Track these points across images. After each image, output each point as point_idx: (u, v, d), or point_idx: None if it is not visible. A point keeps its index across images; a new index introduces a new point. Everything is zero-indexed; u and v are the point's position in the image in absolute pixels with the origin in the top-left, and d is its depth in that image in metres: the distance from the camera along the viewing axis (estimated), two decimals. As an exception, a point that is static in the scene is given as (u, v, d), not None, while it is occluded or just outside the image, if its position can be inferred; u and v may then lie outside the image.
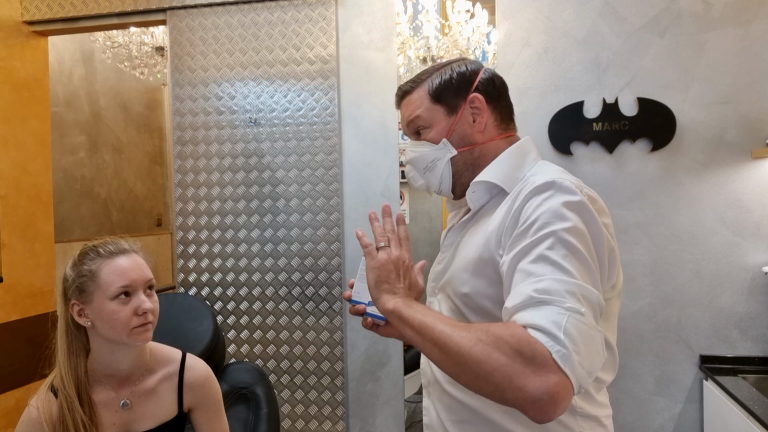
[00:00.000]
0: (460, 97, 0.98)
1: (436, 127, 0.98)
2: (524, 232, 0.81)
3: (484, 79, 0.99)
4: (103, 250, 1.14)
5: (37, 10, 2.38)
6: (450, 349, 0.74)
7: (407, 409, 3.68)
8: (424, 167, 1.00)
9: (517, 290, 0.76)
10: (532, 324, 0.70)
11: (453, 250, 1.00)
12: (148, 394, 1.20)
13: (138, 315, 1.12)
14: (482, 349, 0.70)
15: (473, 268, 0.90)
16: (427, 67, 1.04)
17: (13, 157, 2.38)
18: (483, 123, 0.98)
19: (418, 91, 1.00)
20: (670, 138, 1.94)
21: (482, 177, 0.95)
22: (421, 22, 3.18)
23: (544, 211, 0.80)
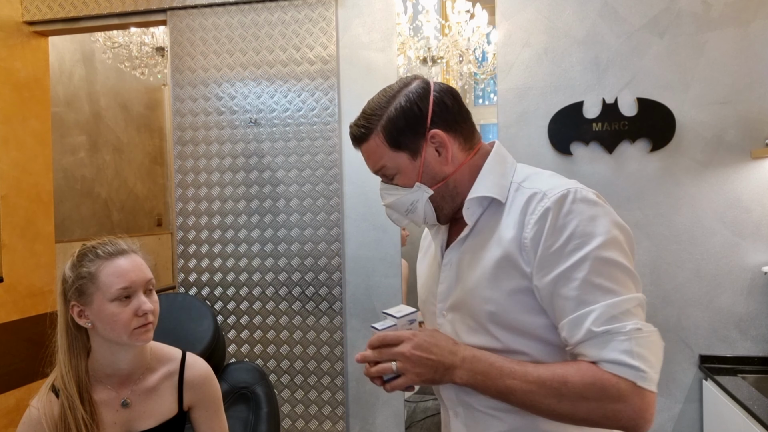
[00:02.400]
0: (418, 137, 0.94)
1: (403, 172, 0.96)
2: (558, 252, 0.83)
3: (436, 108, 0.94)
4: (102, 251, 1.13)
5: (38, 10, 2.38)
6: (540, 410, 0.83)
7: (407, 409, 3.68)
8: (405, 210, 0.99)
9: (571, 323, 0.82)
10: (606, 359, 0.79)
11: (455, 267, 0.98)
12: (149, 393, 1.20)
13: (138, 316, 1.12)
14: (570, 405, 0.80)
15: (494, 285, 0.89)
16: (372, 100, 0.98)
17: (14, 157, 2.38)
18: (448, 155, 0.95)
19: (374, 139, 0.95)
20: (670, 138, 1.94)
21: (475, 193, 0.94)
22: (421, 23, 3.18)
23: (573, 231, 0.82)
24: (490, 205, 0.95)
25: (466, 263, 0.95)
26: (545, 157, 2.02)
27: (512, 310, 0.88)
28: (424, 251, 1.16)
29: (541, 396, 0.82)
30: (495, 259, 0.89)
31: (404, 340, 0.90)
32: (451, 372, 0.88)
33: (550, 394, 0.81)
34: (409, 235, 4.04)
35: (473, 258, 0.94)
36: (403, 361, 0.89)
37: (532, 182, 0.91)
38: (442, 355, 0.88)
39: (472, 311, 0.93)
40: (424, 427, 3.56)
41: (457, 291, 0.96)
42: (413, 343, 0.89)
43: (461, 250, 0.97)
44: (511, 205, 0.91)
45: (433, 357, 0.88)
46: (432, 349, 0.88)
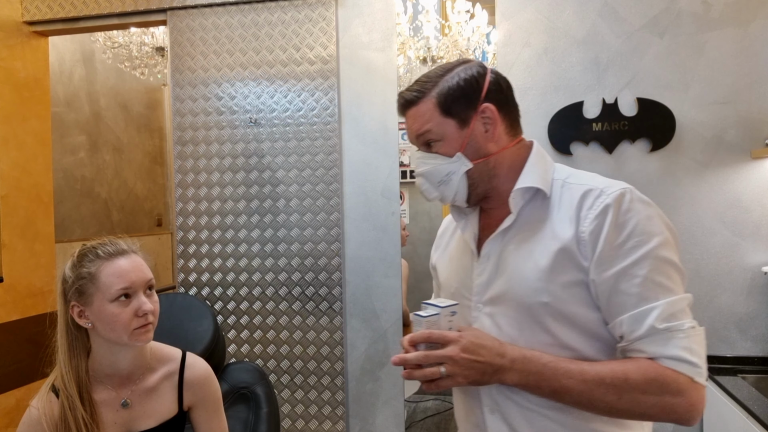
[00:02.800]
0: (470, 108, 0.95)
1: (448, 140, 0.96)
2: (619, 248, 0.86)
3: (492, 85, 0.96)
4: (102, 252, 1.13)
5: (38, 10, 2.38)
6: (596, 407, 0.86)
7: (407, 409, 3.68)
8: (438, 180, 0.97)
9: (632, 318, 0.85)
10: (668, 356, 0.83)
11: (495, 259, 0.97)
12: (149, 393, 1.20)
13: (138, 316, 1.12)
14: (630, 401, 0.83)
15: (549, 277, 0.89)
16: (429, 71, 0.98)
17: (14, 157, 2.38)
18: (496, 133, 0.96)
19: (425, 103, 0.96)
20: (670, 138, 1.94)
21: (525, 183, 0.95)
22: (421, 23, 3.18)
23: (634, 229, 0.86)
24: (533, 197, 0.96)
25: (512, 255, 0.95)
26: (545, 157, 2.02)
27: (568, 302, 0.89)
28: (444, 246, 1.15)
29: (601, 393, 0.84)
30: (551, 251, 0.90)
31: (451, 341, 0.88)
32: (501, 374, 0.88)
33: (610, 391, 0.84)
34: (409, 236, 4.04)
35: (521, 250, 0.94)
36: (451, 365, 0.87)
37: (579, 179, 0.94)
38: (491, 356, 0.88)
39: (521, 303, 0.92)
40: (424, 427, 3.56)
41: (499, 283, 0.96)
42: (461, 346, 0.88)
43: (503, 241, 0.97)
44: (560, 200, 0.93)
45: (481, 359, 0.87)
46: (480, 351, 0.88)
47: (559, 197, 0.94)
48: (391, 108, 2.16)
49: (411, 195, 4.48)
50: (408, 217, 4.46)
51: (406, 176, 4.39)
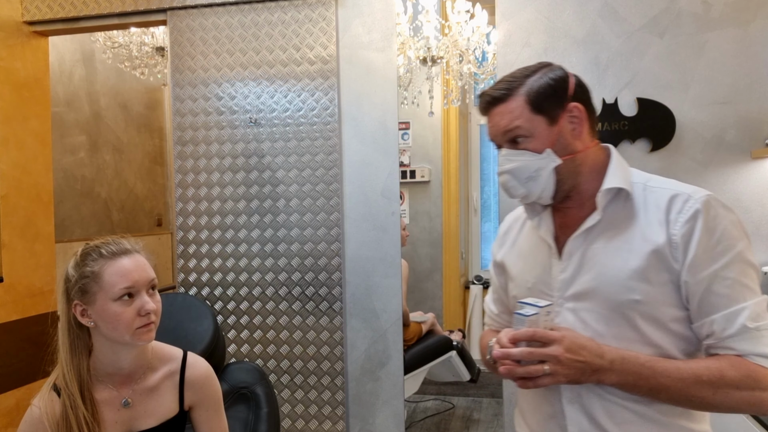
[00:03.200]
0: (559, 106, 0.99)
1: (537, 136, 0.98)
2: (709, 253, 0.91)
3: (577, 86, 1.01)
4: (105, 251, 1.13)
5: (38, 10, 2.38)
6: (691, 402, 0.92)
7: (407, 409, 3.68)
8: (526, 177, 0.99)
9: (725, 318, 0.90)
10: (758, 353, 0.89)
11: (580, 257, 1.00)
12: (150, 392, 1.21)
13: (141, 316, 1.12)
14: (724, 395, 0.89)
15: (641, 276, 0.93)
16: (513, 72, 1.02)
17: (14, 157, 2.38)
18: (582, 132, 1.00)
19: (515, 100, 0.98)
20: (670, 138, 1.94)
21: (612, 184, 0.98)
22: (421, 23, 3.18)
23: (722, 233, 0.92)
24: (616, 198, 0.99)
25: (599, 253, 0.98)
26: (545, 157, 2.02)
27: (659, 301, 0.94)
28: (510, 243, 1.17)
29: (697, 390, 0.89)
30: (643, 253, 0.94)
31: (554, 340, 0.91)
32: (599, 374, 0.91)
33: (705, 387, 0.89)
34: (409, 236, 4.04)
35: (608, 248, 0.98)
36: (554, 363, 0.90)
37: (661, 184, 0.99)
38: (591, 357, 0.91)
39: (610, 300, 0.96)
40: (424, 427, 3.56)
41: (584, 280, 0.99)
42: (564, 346, 0.90)
43: (587, 239, 1.00)
44: (646, 203, 0.97)
45: (582, 359, 0.91)
46: (581, 352, 0.91)
47: (643, 200, 0.98)
48: (391, 108, 2.16)
49: (411, 195, 4.48)
50: (408, 217, 4.46)
51: (406, 176, 4.39)
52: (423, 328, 3.40)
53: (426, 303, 4.33)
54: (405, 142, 4.46)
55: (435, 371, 3.47)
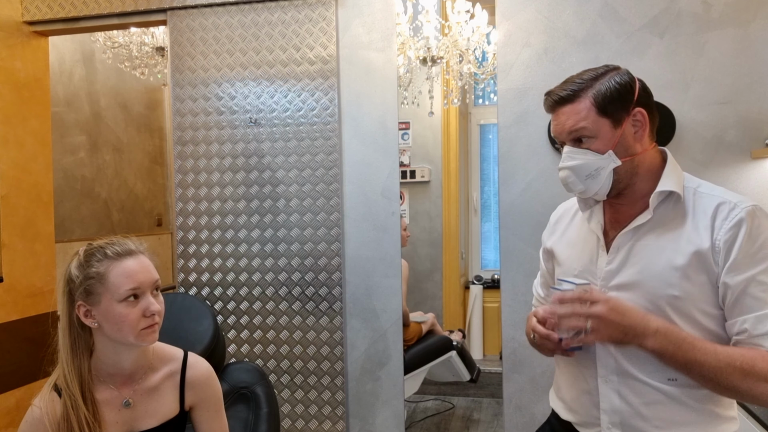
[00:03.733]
0: (624, 110, 1.04)
1: (601, 138, 1.04)
2: (750, 258, 0.98)
3: (642, 91, 1.06)
4: (110, 252, 1.13)
5: (38, 10, 2.38)
6: (719, 385, 0.97)
7: (407, 409, 3.68)
8: (586, 174, 1.06)
9: (757, 318, 0.97)
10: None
11: (627, 251, 1.08)
12: (151, 393, 1.21)
13: (146, 317, 1.12)
14: (751, 383, 0.95)
15: (682, 274, 1.01)
16: (581, 73, 1.07)
17: (14, 157, 2.38)
18: (643, 135, 1.07)
19: (583, 101, 1.04)
20: (670, 138, 1.94)
21: (666, 187, 1.05)
22: (421, 23, 3.18)
23: (764, 241, 0.98)
24: (666, 200, 1.06)
25: (646, 249, 1.06)
26: (545, 157, 2.02)
27: (695, 298, 1.01)
28: (561, 232, 1.26)
29: (727, 373, 0.95)
30: (687, 253, 1.01)
31: (600, 300, 0.99)
32: (643, 338, 0.98)
33: (737, 372, 0.95)
34: (410, 236, 4.04)
35: (654, 246, 1.05)
36: (596, 321, 0.98)
37: (710, 190, 1.06)
38: (636, 321, 0.98)
39: (651, 293, 1.03)
40: (424, 427, 3.56)
41: (628, 273, 1.07)
42: (609, 306, 0.98)
43: (636, 236, 1.08)
44: (694, 207, 1.05)
45: (626, 321, 0.98)
46: (626, 313, 0.99)
47: (692, 204, 1.05)
48: (391, 108, 2.16)
49: (411, 195, 4.48)
50: (408, 217, 4.46)
51: (406, 176, 4.39)
52: (423, 328, 3.40)
53: (426, 303, 4.33)
54: (405, 142, 4.46)
55: (435, 371, 3.47)
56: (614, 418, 1.08)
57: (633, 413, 1.06)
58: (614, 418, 1.08)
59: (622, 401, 1.07)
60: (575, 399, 1.16)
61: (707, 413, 1.04)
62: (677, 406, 1.03)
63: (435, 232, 4.45)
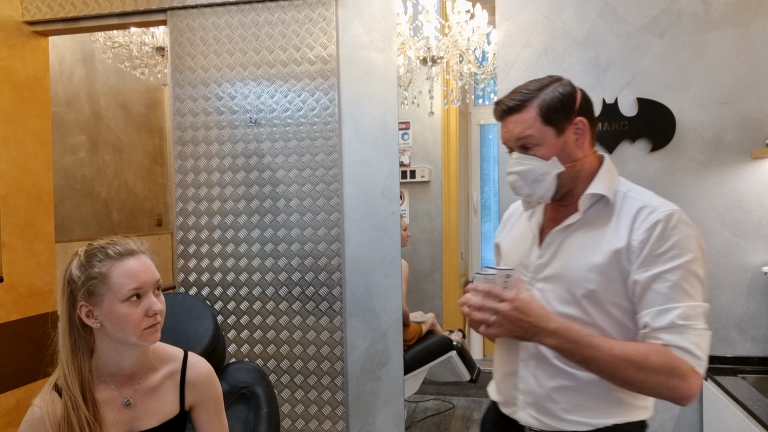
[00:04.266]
0: (566, 119, 1.12)
1: (545, 145, 1.12)
2: (659, 256, 1.05)
3: (583, 101, 1.14)
4: (112, 251, 1.13)
5: (38, 10, 2.38)
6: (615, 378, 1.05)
7: (407, 409, 3.68)
8: (532, 179, 1.14)
9: (658, 312, 1.04)
10: (680, 346, 1.02)
11: (556, 247, 1.16)
12: (151, 392, 1.21)
13: (149, 316, 1.12)
14: (645, 376, 1.02)
15: (599, 270, 1.09)
16: (527, 84, 1.14)
17: (14, 156, 2.38)
18: (584, 142, 1.15)
19: (529, 111, 1.11)
20: (670, 138, 1.94)
21: (596, 190, 1.13)
22: (421, 23, 3.18)
23: (675, 243, 1.05)
24: (598, 202, 1.14)
25: (571, 246, 1.14)
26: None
27: (609, 292, 1.09)
28: (509, 228, 1.35)
29: (622, 367, 1.03)
30: (606, 250, 1.09)
31: (506, 299, 1.08)
32: (540, 336, 1.07)
33: (631, 366, 1.03)
34: (410, 236, 4.04)
35: (580, 243, 1.14)
36: (500, 317, 1.08)
37: (638, 195, 1.14)
38: (536, 321, 1.07)
39: (571, 285, 1.12)
40: (424, 427, 3.56)
41: (554, 266, 1.15)
42: (514, 305, 1.07)
43: (566, 234, 1.16)
44: (621, 210, 1.12)
45: (528, 319, 1.07)
46: (529, 314, 1.07)
47: (620, 207, 1.13)
48: (391, 108, 2.16)
49: (411, 195, 4.48)
50: (408, 217, 4.46)
51: (406, 176, 4.39)
52: (423, 328, 3.40)
53: (426, 303, 4.34)
54: (405, 142, 4.46)
55: (435, 371, 3.47)
56: (529, 399, 1.17)
57: (545, 396, 1.14)
58: (529, 398, 1.17)
59: (537, 384, 1.16)
60: (501, 380, 1.26)
61: (615, 400, 1.11)
62: (586, 391, 1.11)
63: (435, 232, 4.45)
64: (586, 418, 1.12)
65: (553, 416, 1.14)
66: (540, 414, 1.15)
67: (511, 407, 1.21)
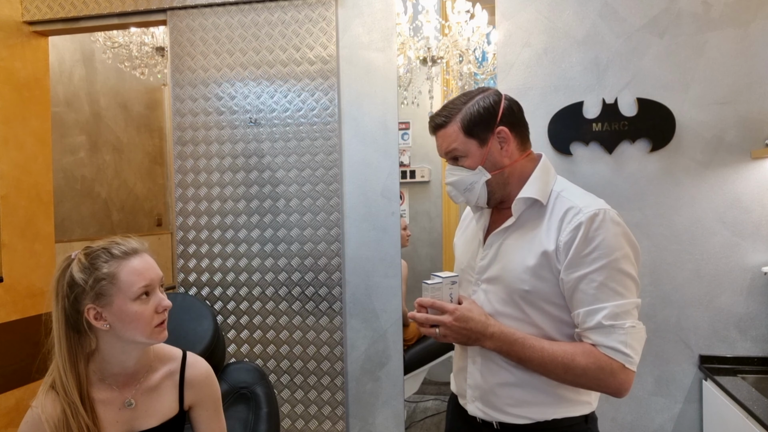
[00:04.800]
0: (488, 130, 1.18)
1: (471, 156, 1.19)
2: (584, 257, 1.10)
3: (505, 110, 1.19)
4: (117, 251, 1.13)
5: (38, 10, 2.38)
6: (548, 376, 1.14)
7: (407, 409, 3.68)
8: (464, 188, 1.22)
9: (586, 313, 1.10)
10: (608, 345, 1.08)
11: (495, 250, 1.23)
12: (151, 392, 1.21)
13: (158, 313, 1.13)
14: (573, 376, 1.11)
15: (532, 272, 1.15)
16: (454, 99, 1.22)
17: (14, 157, 2.38)
18: (509, 149, 1.20)
19: (452, 126, 1.19)
20: (670, 138, 1.94)
21: (526, 194, 1.18)
22: (421, 23, 3.18)
23: (599, 243, 1.09)
24: (533, 204, 1.19)
25: (509, 248, 1.20)
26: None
27: (542, 293, 1.15)
28: (463, 229, 1.41)
29: (552, 367, 1.11)
30: (537, 252, 1.14)
31: (447, 311, 1.17)
32: (481, 341, 1.17)
33: (559, 366, 1.11)
34: (411, 236, 4.04)
35: (515, 246, 1.19)
36: (444, 328, 1.17)
37: (570, 194, 1.18)
38: (476, 327, 1.16)
39: (508, 287, 1.18)
40: (424, 427, 3.56)
41: (495, 268, 1.22)
42: (454, 317, 1.16)
43: (503, 236, 1.22)
44: (552, 211, 1.17)
45: (468, 327, 1.16)
46: (468, 323, 1.16)
47: (551, 208, 1.17)
48: (391, 108, 2.16)
49: (411, 195, 4.48)
50: (408, 217, 4.46)
51: (406, 176, 4.39)
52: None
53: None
54: (405, 142, 4.46)
55: (435, 371, 3.47)
56: (476, 393, 1.25)
57: (489, 391, 1.22)
58: (476, 392, 1.25)
59: (483, 379, 1.24)
60: (456, 374, 1.35)
61: (555, 396, 1.18)
62: (526, 388, 1.19)
63: (435, 232, 4.45)
64: (527, 413, 1.19)
65: (498, 409, 1.21)
66: (486, 407, 1.23)
67: (463, 399, 1.30)
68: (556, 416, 1.18)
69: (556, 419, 1.18)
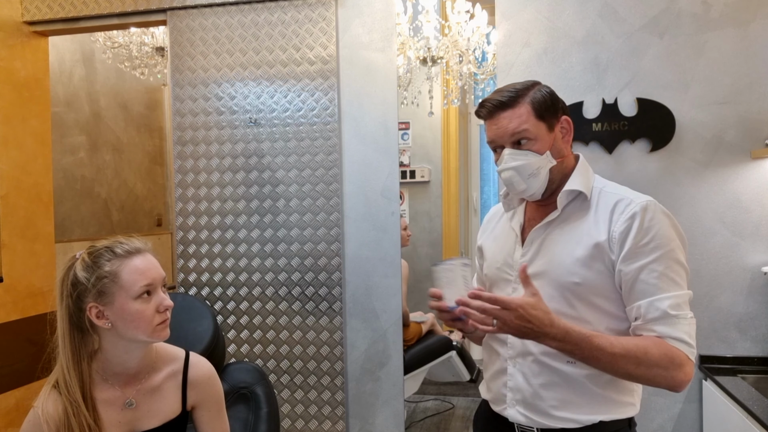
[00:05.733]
0: (554, 117, 1.17)
1: (540, 140, 1.15)
2: (643, 247, 1.08)
3: (563, 104, 1.20)
4: (120, 250, 1.13)
5: (38, 10, 2.38)
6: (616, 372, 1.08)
7: (407, 409, 3.68)
8: (528, 174, 1.15)
9: (649, 303, 1.08)
10: (675, 337, 1.06)
11: (539, 245, 1.19)
12: (153, 392, 1.21)
13: (160, 312, 1.13)
14: (645, 369, 1.06)
15: (582, 263, 1.12)
16: (512, 84, 1.18)
17: (14, 157, 2.38)
18: (569, 140, 1.21)
19: (523, 106, 1.15)
20: (670, 138, 1.94)
21: (574, 186, 1.17)
22: (421, 23, 3.18)
23: (656, 233, 1.08)
24: (576, 198, 1.18)
25: (553, 242, 1.17)
26: (545, 157, 2.02)
27: (593, 285, 1.12)
28: (490, 230, 1.37)
29: (624, 362, 1.06)
30: (587, 245, 1.12)
31: (510, 308, 1.05)
32: (543, 338, 1.07)
33: (631, 361, 1.05)
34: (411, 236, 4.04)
35: (560, 239, 1.17)
36: (501, 323, 1.06)
37: (614, 189, 1.18)
38: (540, 324, 1.05)
39: (556, 280, 1.15)
40: (424, 427, 3.56)
41: (539, 263, 1.18)
42: (516, 315, 1.05)
43: (547, 231, 1.19)
44: (597, 204, 1.16)
45: (530, 325, 1.05)
46: (531, 319, 1.05)
47: (596, 202, 1.16)
48: (391, 108, 2.16)
49: (411, 195, 4.48)
50: (408, 217, 4.46)
51: (406, 176, 4.39)
52: (423, 328, 3.40)
53: (426, 303, 4.31)
54: (405, 142, 4.46)
55: (435, 371, 3.47)
56: (517, 396, 1.19)
57: (533, 393, 1.17)
58: (517, 395, 1.19)
59: (525, 381, 1.18)
60: (491, 378, 1.27)
61: (602, 397, 1.14)
62: (573, 388, 1.14)
63: (435, 232, 4.45)
64: (573, 415, 1.14)
65: (542, 413, 1.16)
66: (528, 411, 1.18)
67: (501, 405, 1.23)
68: (603, 418, 1.14)
69: (604, 421, 1.14)
